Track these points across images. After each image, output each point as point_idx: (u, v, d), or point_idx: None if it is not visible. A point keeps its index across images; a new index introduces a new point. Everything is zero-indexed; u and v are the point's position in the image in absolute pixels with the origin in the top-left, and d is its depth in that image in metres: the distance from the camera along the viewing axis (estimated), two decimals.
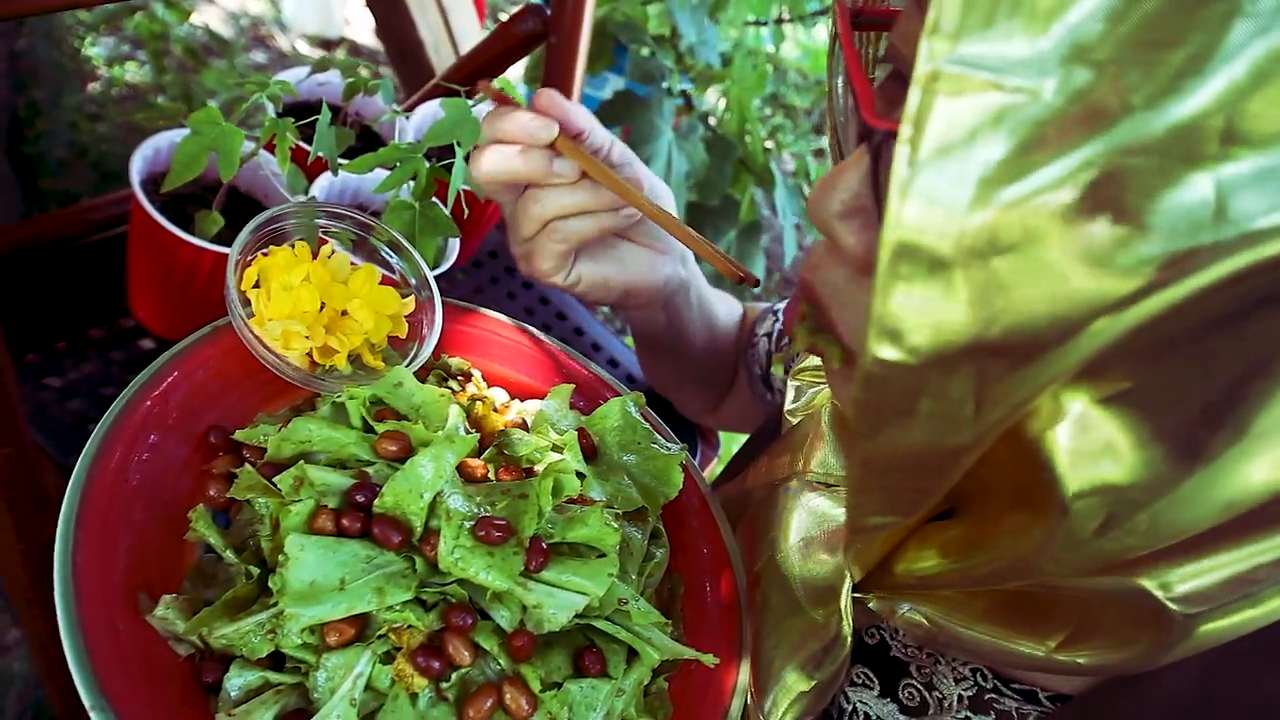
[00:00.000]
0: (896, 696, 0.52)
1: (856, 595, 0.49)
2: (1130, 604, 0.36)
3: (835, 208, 0.36)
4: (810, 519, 0.54)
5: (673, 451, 0.60)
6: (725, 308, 0.85)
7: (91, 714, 0.40)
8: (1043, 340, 0.27)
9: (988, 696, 0.49)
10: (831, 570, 0.50)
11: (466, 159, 0.66)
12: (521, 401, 0.64)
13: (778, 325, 0.81)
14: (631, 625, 0.51)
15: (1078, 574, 0.36)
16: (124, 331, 0.77)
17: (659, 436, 0.61)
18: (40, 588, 0.44)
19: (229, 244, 0.58)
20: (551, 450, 0.56)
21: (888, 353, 0.28)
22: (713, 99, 2.10)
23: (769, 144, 2.83)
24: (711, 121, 1.69)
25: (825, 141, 3.62)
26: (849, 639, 0.48)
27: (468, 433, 0.54)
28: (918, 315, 0.27)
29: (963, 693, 0.50)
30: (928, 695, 0.51)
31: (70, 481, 0.47)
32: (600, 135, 0.63)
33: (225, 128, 0.62)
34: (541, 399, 0.64)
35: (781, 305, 0.83)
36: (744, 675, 0.54)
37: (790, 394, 0.62)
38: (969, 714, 0.49)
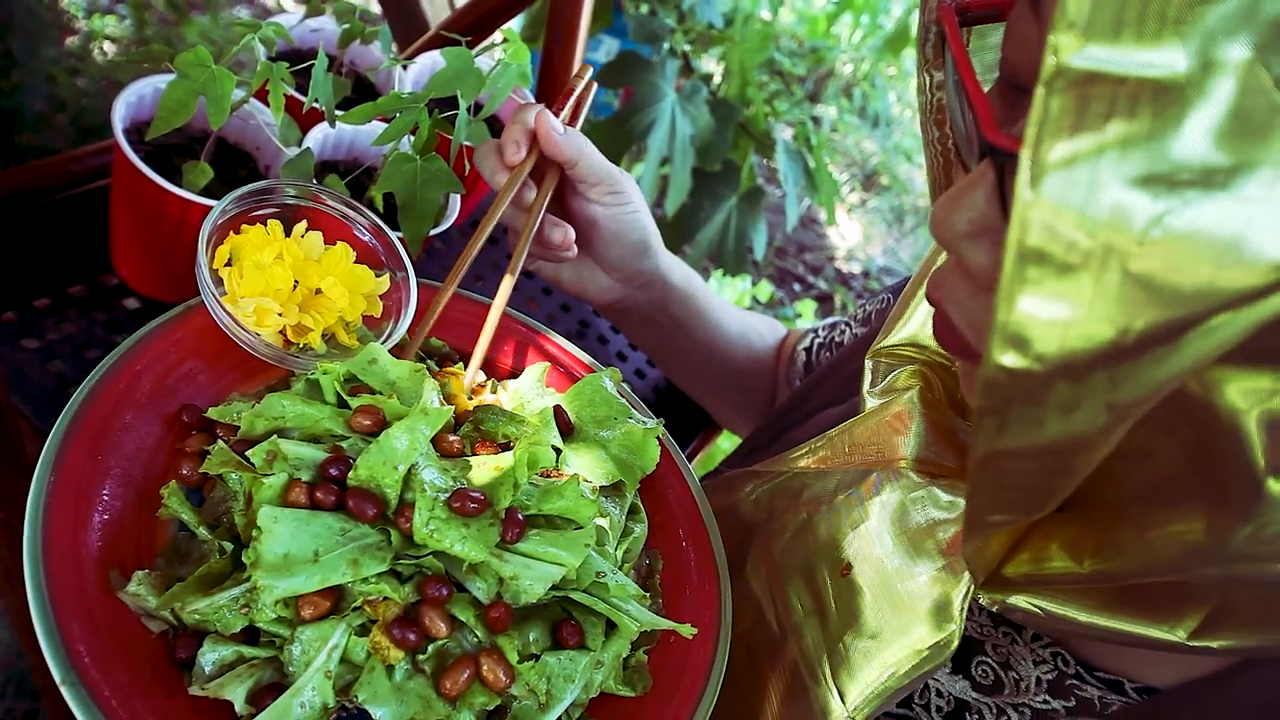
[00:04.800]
0: (970, 673, 0.51)
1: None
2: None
3: (961, 228, 0.36)
4: (909, 510, 0.52)
5: (649, 425, 0.59)
6: (742, 327, 0.87)
7: (61, 688, 0.40)
8: (1181, 335, 0.26)
9: (1069, 682, 0.48)
10: (940, 568, 0.48)
11: (469, 111, 0.63)
12: (499, 380, 0.64)
13: (816, 340, 0.84)
14: (609, 597, 0.51)
15: (1227, 566, 0.34)
16: (107, 290, 0.74)
17: (635, 411, 0.61)
18: (20, 557, 0.43)
19: (218, 198, 0.55)
20: (527, 426, 0.56)
21: (1011, 360, 0.27)
22: (709, 64, 2.06)
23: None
24: (711, 85, 1.66)
25: (820, 109, 3.58)
26: (956, 644, 0.46)
27: (443, 407, 0.54)
28: (1045, 322, 0.26)
29: (1042, 675, 0.49)
30: (1003, 675, 0.50)
31: (39, 461, 0.46)
32: (588, 168, 0.66)
33: (215, 71, 0.58)
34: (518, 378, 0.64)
35: (821, 323, 0.87)
36: (723, 646, 0.54)
37: (868, 375, 0.60)
38: (1047, 697, 0.48)
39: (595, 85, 0.74)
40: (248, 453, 0.47)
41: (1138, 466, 0.34)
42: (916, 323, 0.59)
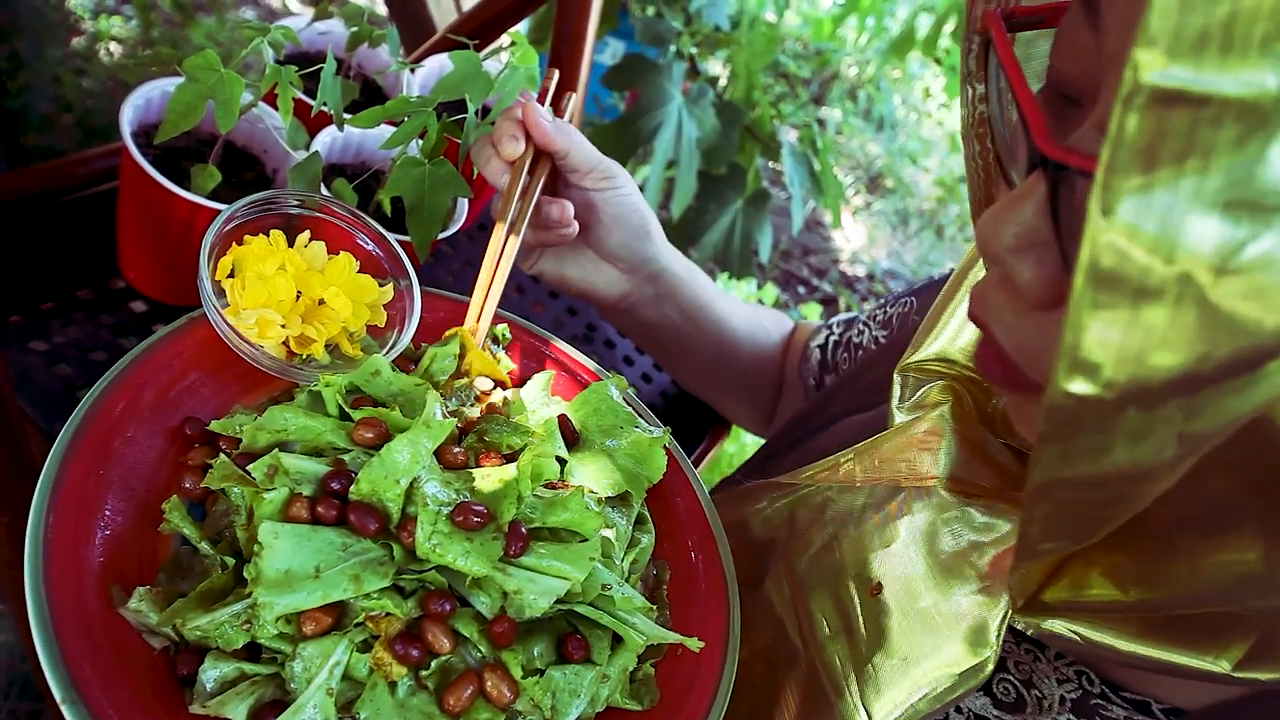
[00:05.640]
0: (991, 691, 0.50)
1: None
2: None
3: (1009, 242, 0.34)
4: (941, 531, 0.51)
5: (655, 434, 0.59)
6: (747, 319, 0.86)
7: (61, 707, 0.39)
8: (1265, 359, 0.25)
9: (1094, 702, 0.47)
10: (976, 591, 0.48)
11: (477, 115, 0.62)
12: (505, 389, 0.63)
13: (831, 337, 0.83)
14: (615, 610, 0.50)
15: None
16: (114, 293, 0.74)
17: (641, 420, 0.61)
18: (23, 560, 0.42)
19: (226, 202, 0.55)
20: (532, 436, 0.55)
21: (1080, 387, 0.26)
22: (715, 67, 2.05)
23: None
24: (716, 88, 1.65)
25: (825, 112, 3.58)
26: (991, 669, 0.46)
27: (445, 419, 0.53)
28: (1117, 348, 0.25)
29: (1066, 694, 0.47)
30: (1025, 693, 0.49)
31: (40, 475, 0.46)
32: (579, 157, 0.66)
33: (224, 74, 0.58)
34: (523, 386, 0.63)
35: (835, 319, 0.85)
36: (731, 659, 0.53)
37: (896, 390, 0.59)
38: (1071, 717, 0.47)
39: (574, 94, 0.73)
40: (249, 467, 0.46)
41: (1189, 494, 0.33)
42: (946, 337, 0.58)
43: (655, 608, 0.53)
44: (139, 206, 0.64)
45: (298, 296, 0.55)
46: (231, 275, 0.55)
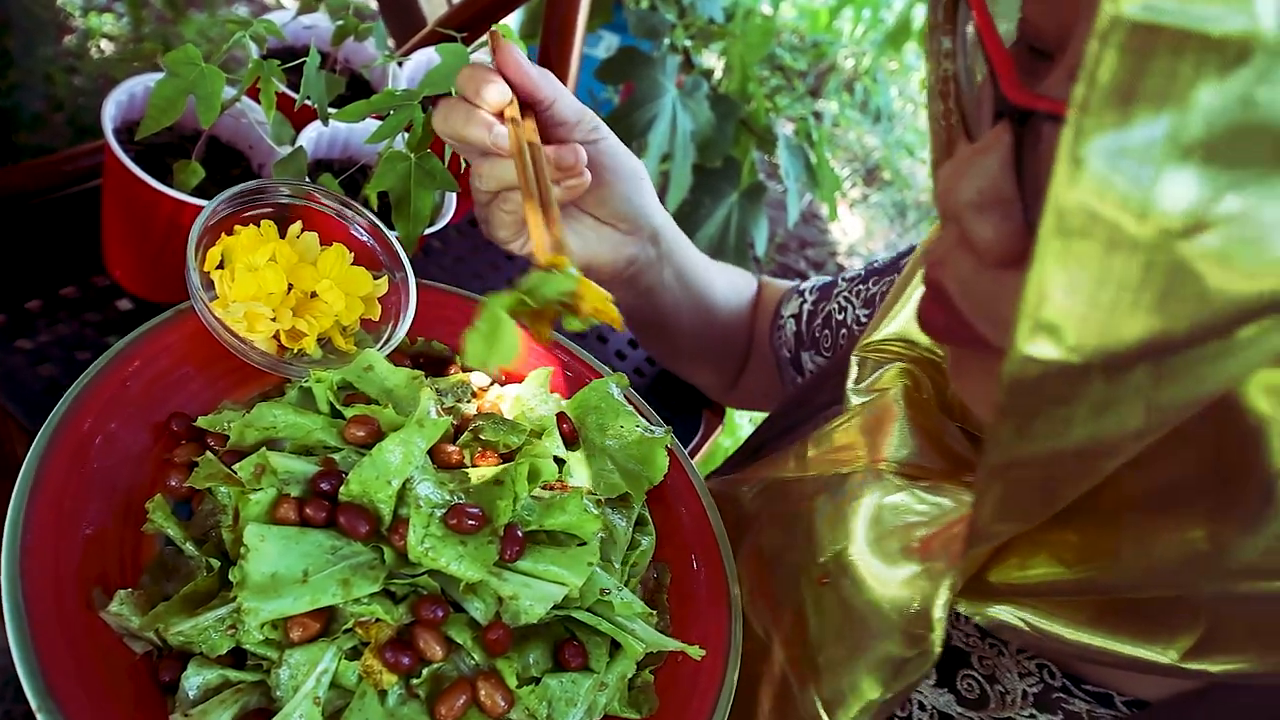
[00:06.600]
0: (954, 687, 0.49)
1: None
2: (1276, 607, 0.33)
3: (969, 196, 0.32)
4: (886, 515, 0.49)
5: (656, 434, 0.58)
6: (725, 282, 0.81)
7: (38, 716, 0.38)
8: (1238, 328, 0.23)
9: (1056, 695, 0.46)
10: (918, 574, 0.46)
11: None
12: (502, 386, 0.62)
13: (806, 306, 0.78)
14: (614, 616, 0.49)
15: (1228, 581, 0.32)
16: (99, 291, 0.73)
17: (642, 419, 0.59)
18: None
19: (210, 197, 0.54)
20: (530, 435, 0.54)
21: (1043, 350, 0.24)
22: (710, 59, 2.04)
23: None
24: (711, 81, 1.65)
25: (821, 105, 3.56)
26: (938, 654, 0.44)
27: (440, 417, 0.51)
28: (1083, 308, 0.23)
29: (1028, 689, 0.46)
30: (988, 688, 0.48)
31: (19, 475, 0.44)
32: (566, 107, 0.59)
33: (205, 69, 0.57)
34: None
35: (808, 285, 0.80)
36: (733, 665, 0.52)
37: (854, 370, 0.57)
38: (1034, 712, 0.46)
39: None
40: (236, 466, 0.45)
41: (1141, 473, 0.31)
42: (905, 317, 0.56)
43: (655, 613, 0.51)
44: (122, 203, 0.63)
45: (289, 290, 0.54)
46: (221, 267, 0.53)
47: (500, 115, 0.56)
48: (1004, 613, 0.42)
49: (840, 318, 0.75)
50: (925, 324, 0.38)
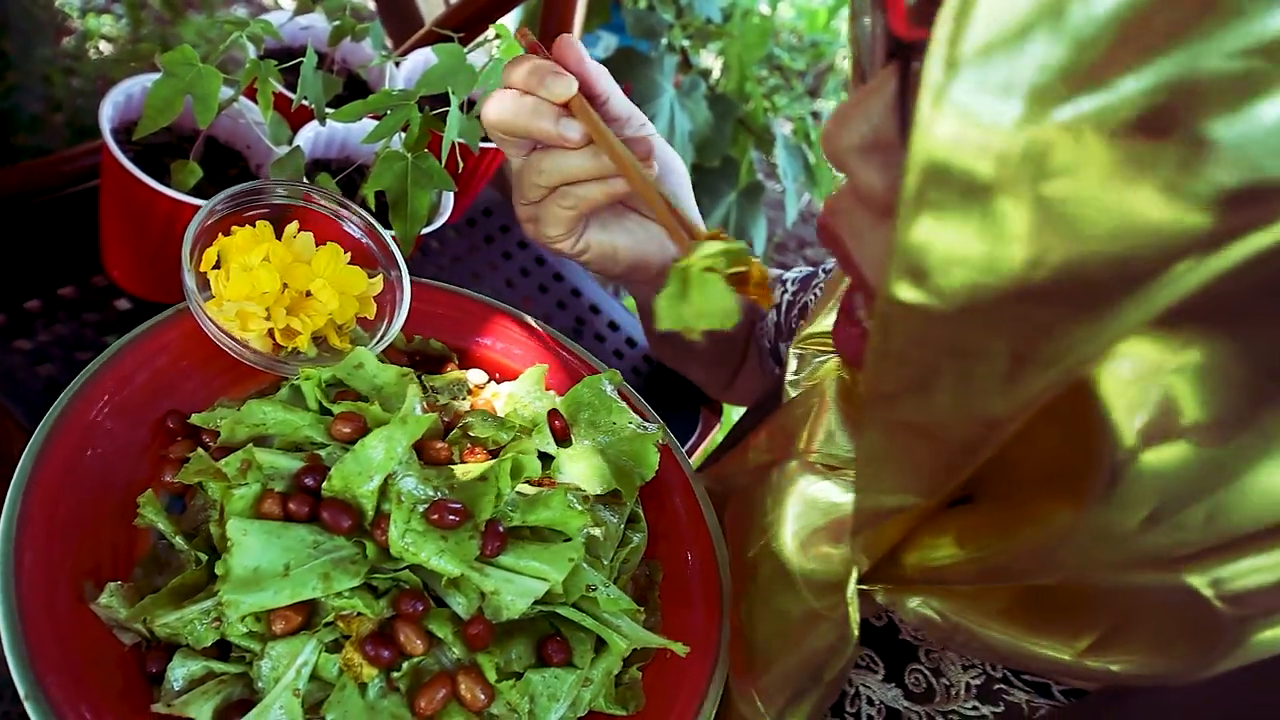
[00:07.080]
0: (902, 681, 0.49)
1: (862, 587, 0.45)
2: (1173, 604, 0.32)
3: (854, 140, 0.30)
4: (811, 505, 0.49)
5: (648, 431, 0.57)
6: None
7: (25, 702, 0.39)
8: (1106, 284, 0.23)
9: (997, 687, 0.46)
10: (837, 562, 0.46)
11: (461, 108, 0.62)
12: (499, 383, 0.62)
13: (786, 296, 0.78)
14: (599, 612, 0.48)
15: (1110, 570, 0.32)
16: (98, 291, 0.73)
17: (635, 416, 0.59)
18: None
19: (208, 197, 0.54)
20: (520, 432, 0.54)
21: (910, 294, 0.24)
22: (708, 59, 2.04)
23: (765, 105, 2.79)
24: (710, 81, 1.65)
25: (820, 105, 3.56)
26: (855, 636, 0.44)
27: (425, 413, 0.52)
28: (948, 249, 0.23)
29: (970, 681, 0.47)
30: (934, 682, 0.48)
31: (17, 468, 0.45)
32: (619, 103, 0.59)
33: (202, 69, 0.57)
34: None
35: (790, 275, 0.79)
36: (722, 664, 0.52)
37: (793, 363, 0.57)
38: (977, 704, 0.46)
39: None
40: (221, 462, 0.46)
41: (1026, 451, 0.31)
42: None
43: (644, 610, 0.51)
44: (120, 203, 0.64)
45: (284, 289, 0.54)
46: (217, 267, 0.54)
47: (564, 108, 0.55)
48: (919, 604, 0.41)
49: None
50: (846, 271, 0.37)
